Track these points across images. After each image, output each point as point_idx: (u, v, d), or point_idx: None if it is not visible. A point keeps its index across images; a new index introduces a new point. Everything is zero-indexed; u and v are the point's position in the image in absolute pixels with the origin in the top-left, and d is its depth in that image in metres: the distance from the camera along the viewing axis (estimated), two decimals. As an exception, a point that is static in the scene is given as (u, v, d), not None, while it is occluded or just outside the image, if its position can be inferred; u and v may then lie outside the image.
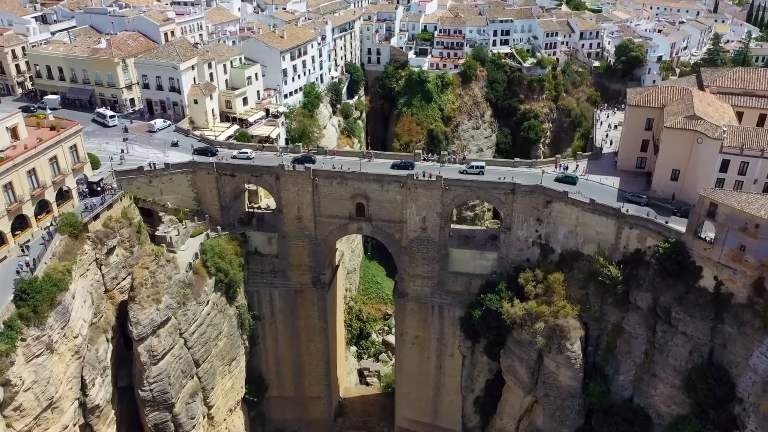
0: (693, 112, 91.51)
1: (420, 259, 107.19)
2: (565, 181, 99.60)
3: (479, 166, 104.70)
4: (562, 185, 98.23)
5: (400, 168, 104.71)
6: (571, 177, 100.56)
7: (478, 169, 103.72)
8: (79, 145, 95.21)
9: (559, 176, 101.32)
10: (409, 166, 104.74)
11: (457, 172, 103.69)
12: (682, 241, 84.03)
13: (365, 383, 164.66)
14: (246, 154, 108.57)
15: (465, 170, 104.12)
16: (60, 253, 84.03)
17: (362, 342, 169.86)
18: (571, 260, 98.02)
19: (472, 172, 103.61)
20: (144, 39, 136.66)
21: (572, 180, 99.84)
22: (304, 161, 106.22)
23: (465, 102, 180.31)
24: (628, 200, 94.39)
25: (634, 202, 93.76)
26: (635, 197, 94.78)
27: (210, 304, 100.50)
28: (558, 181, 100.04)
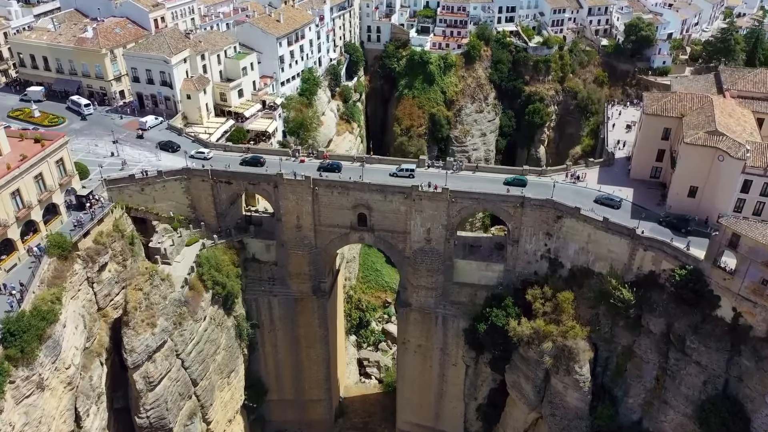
0: (714, 127, 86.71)
1: (424, 270, 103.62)
2: (607, 204, 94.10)
3: (409, 169, 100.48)
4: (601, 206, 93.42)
5: (401, 174, 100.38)
6: (615, 201, 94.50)
7: (408, 172, 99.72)
8: (66, 158, 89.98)
9: (601, 198, 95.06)
10: (409, 174, 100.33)
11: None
12: (699, 269, 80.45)
13: (365, 373, 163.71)
14: (203, 154, 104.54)
15: (395, 173, 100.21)
16: (49, 278, 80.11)
17: (362, 331, 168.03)
18: (581, 277, 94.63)
19: (402, 174, 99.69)
20: (133, 26, 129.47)
21: (614, 204, 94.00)
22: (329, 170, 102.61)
23: (468, 84, 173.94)
24: (671, 225, 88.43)
25: (675, 228, 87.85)
26: (679, 221, 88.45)
27: (207, 320, 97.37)
28: (598, 202, 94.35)
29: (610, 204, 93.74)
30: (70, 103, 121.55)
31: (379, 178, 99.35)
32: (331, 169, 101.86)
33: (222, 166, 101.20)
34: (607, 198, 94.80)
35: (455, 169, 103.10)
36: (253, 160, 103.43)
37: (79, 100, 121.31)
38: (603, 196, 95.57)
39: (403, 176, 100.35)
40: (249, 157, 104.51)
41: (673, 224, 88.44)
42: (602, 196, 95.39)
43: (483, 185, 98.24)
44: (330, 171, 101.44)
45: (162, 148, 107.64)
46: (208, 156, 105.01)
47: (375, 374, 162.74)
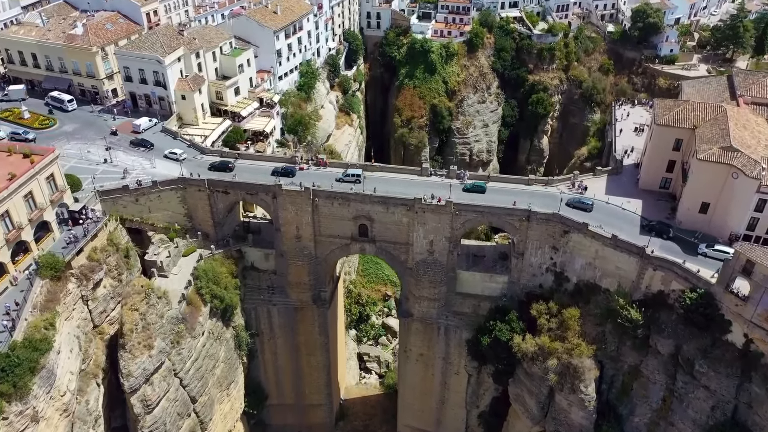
0: (729, 143, 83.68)
1: (426, 281, 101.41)
2: (579, 207, 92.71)
3: (355, 174, 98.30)
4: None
5: (346, 180, 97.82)
6: (587, 204, 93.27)
7: (354, 177, 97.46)
8: (57, 173, 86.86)
9: (573, 201, 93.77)
10: (355, 179, 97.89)
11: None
12: (711, 293, 78.30)
13: (365, 368, 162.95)
14: (176, 155, 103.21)
15: (341, 178, 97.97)
16: (41, 303, 77.92)
17: (362, 326, 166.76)
18: (588, 292, 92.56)
19: (348, 180, 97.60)
20: (125, 21, 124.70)
21: (586, 207, 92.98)
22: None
23: (471, 73, 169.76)
24: (653, 230, 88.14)
25: (658, 233, 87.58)
26: (661, 227, 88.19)
27: (205, 335, 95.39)
28: (570, 206, 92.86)
29: (582, 207, 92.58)
30: (50, 100, 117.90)
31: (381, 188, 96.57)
32: (285, 173, 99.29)
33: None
34: (578, 201, 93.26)
35: (459, 179, 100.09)
36: (221, 165, 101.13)
37: (61, 96, 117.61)
38: (575, 199, 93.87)
39: (349, 182, 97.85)
40: (218, 162, 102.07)
41: (656, 230, 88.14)
42: (574, 200, 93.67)
43: (488, 197, 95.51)
44: (285, 176, 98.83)
45: (134, 145, 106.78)
46: (180, 157, 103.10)
47: (375, 369, 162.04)
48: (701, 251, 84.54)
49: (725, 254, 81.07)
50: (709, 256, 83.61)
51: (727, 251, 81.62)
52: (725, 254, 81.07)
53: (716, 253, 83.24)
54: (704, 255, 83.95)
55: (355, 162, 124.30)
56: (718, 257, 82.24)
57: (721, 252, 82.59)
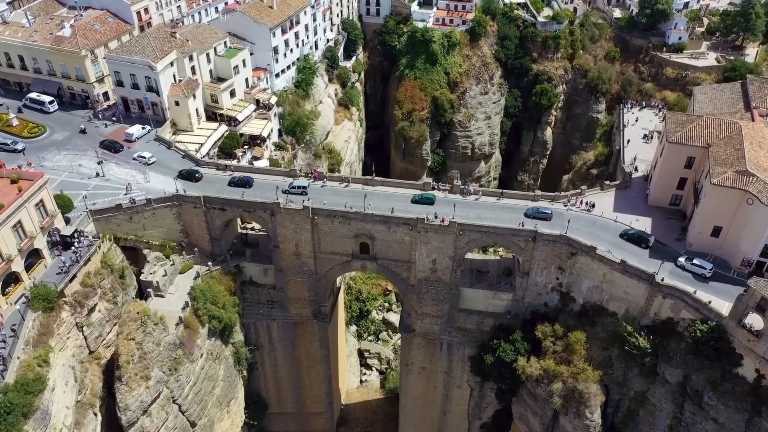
0: (744, 166, 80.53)
1: (429, 299, 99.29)
2: (540, 218, 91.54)
3: (301, 186, 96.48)
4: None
5: (293, 192, 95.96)
6: (547, 213, 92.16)
7: (300, 189, 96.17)
8: (47, 198, 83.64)
9: (532, 212, 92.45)
10: (301, 191, 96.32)
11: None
12: (722, 326, 76.23)
13: (365, 364, 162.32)
14: (145, 159, 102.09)
15: (287, 189, 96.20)
16: (34, 338, 75.83)
17: (362, 322, 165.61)
18: (594, 314, 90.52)
19: (294, 192, 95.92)
20: (114, 20, 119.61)
21: (546, 216, 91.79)
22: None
23: (473, 64, 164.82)
24: (632, 240, 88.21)
25: (636, 243, 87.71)
26: (640, 237, 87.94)
27: (204, 357, 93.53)
28: (529, 216, 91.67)
29: (543, 217, 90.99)
30: (28, 101, 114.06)
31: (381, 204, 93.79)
32: (242, 183, 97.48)
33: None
34: (537, 211, 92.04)
35: (464, 193, 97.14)
36: (242, 181, 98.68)
37: (41, 97, 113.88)
38: (533, 209, 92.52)
39: (295, 194, 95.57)
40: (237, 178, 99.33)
41: (634, 239, 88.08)
42: (532, 210, 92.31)
43: (494, 214, 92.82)
44: (241, 186, 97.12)
45: (104, 148, 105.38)
46: (149, 161, 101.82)
47: (376, 365, 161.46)
48: (680, 263, 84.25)
49: (702, 269, 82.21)
50: (686, 269, 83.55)
51: (705, 266, 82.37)
52: (702, 269, 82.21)
53: (694, 267, 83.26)
54: (682, 268, 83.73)
55: (355, 176, 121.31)
56: (695, 271, 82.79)
57: (699, 267, 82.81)
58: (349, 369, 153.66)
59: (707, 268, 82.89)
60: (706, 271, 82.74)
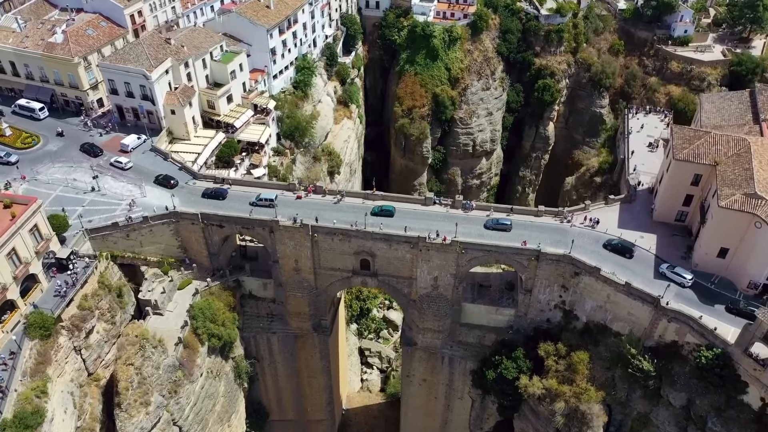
0: (753, 188, 78.85)
1: (430, 314, 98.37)
2: (499, 229, 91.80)
3: (268, 198, 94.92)
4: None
5: (260, 204, 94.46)
6: (506, 225, 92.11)
7: (267, 202, 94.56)
8: (41, 222, 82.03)
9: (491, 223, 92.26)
10: (269, 203, 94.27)
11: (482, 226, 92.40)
12: (728, 353, 75.38)
13: (366, 363, 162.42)
14: (122, 164, 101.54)
15: (254, 202, 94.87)
16: (32, 367, 75.07)
17: (362, 320, 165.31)
18: (597, 333, 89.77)
19: (261, 204, 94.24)
20: (107, 24, 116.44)
21: (506, 227, 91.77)
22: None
23: (474, 59, 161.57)
24: (615, 250, 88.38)
25: (619, 253, 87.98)
26: (623, 248, 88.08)
27: (204, 376, 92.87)
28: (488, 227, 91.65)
29: (502, 228, 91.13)
30: (17, 108, 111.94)
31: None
32: (216, 195, 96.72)
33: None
34: (497, 222, 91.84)
35: (465, 209, 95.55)
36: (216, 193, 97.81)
37: (30, 104, 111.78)
38: (493, 221, 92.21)
39: (262, 206, 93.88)
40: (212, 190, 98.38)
41: (617, 250, 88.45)
42: (492, 221, 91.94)
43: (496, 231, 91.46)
44: (215, 198, 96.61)
45: (83, 151, 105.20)
46: (126, 166, 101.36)
47: (377, 364, 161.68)
48: (662, 270, 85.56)
49: (683, 278, 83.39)
50: (667, 277, 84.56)
51: (684, 275, 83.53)
52: (683, 278, 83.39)
53: (674, 276, 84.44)
54: (663, 275, 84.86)
55: (354, 191, 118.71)
56: (676, 280, 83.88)
57: (680, 276, 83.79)
58: (350, 368, 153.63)
59: (687, 277, 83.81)
60: (686, 280, 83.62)
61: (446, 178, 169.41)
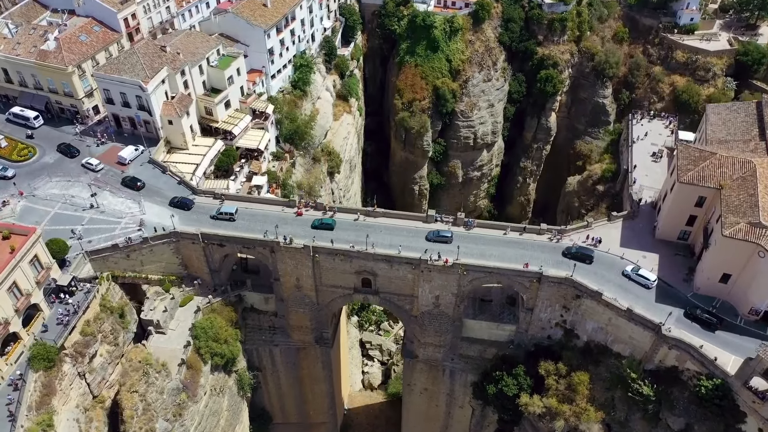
0: (758, 217, 78.20)
1: (432, 331, 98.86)
2: (440, 240, 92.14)
3: (228, 212, 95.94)
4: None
5: (220, 218, 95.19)
6: (447, 236, 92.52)
7: (228, 216, 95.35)
8: (41, 252, 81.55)
9: (432, 235, 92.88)
10: (229, 217, 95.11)
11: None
12: (728, 384, 75.98)
13: (367, 355, 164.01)
14: (92, 166, 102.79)
15: (215, 215, 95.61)
16: (37, 401, 75.83)
17: (363, 313, 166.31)
18: (598, 353, 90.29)
19: (222, 218, 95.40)
20: (100, 29, 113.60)
21: (446, 239, 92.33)
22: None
23: (476, 49, 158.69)
24: (575, 258, 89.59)
25: (580, 260, 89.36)
26: (583, 255, 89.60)
27: (207, 394, 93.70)
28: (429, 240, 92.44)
29: (443, 241, 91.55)
30: (11, 116, 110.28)
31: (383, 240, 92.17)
32: (181, 205, 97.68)
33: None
34: (439, 235, 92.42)
35: (467, 226, 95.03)
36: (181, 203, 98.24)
37: (24, 112, 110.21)
38: (434, 233, 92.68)
39: (223, 219, 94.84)
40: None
41: (578, 257, 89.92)
42: (433, 233, 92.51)
43: (498, 250, 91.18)
44: (180, 207, 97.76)
45: (60, 152, 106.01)
46: (96, 168, 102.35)
47: (378, 357, 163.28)
48: (625, 273, 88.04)
49: (647, 280, 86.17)
50: (632, 279, 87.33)
51: (648, 277, 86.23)
52: (647, 280, 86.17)
53: (639, 278, 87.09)
54: (628, 277, 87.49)
55: (355, 207, 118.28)
56: (640, 282, 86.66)
57: (644, 278, 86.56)
58: (351, 361, 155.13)
59: (651, 279, 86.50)
60: (650, 282, 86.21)
61: (447, 171, 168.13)
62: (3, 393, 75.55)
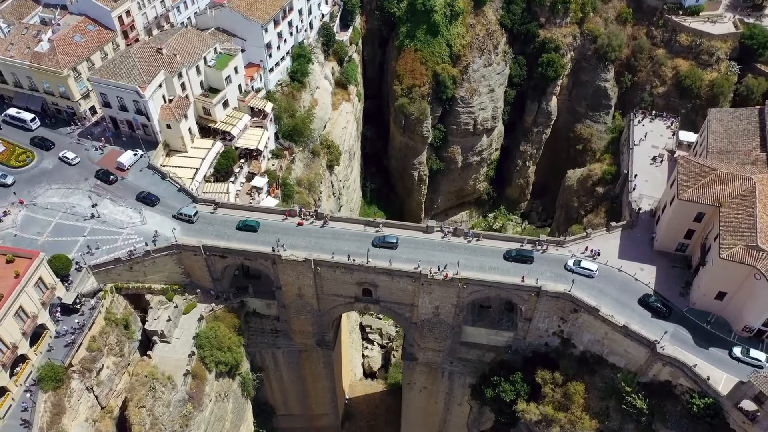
0: (755, 240, 78.86)
1: (432, 337, 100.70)
2: (386, 246, 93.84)
3: (187, 214, 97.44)
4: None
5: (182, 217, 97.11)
6: (393, 243, 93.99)
7: (187, 217, 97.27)
8: (45, 274, 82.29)
9: (377, 241, 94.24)
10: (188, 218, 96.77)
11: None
12: (719, 403, 78.15)
13: (367, 339, 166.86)
14: (69, 160, 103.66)
15: (176, 214, 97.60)
16: (48, 421, 77.84)
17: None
18: (594, 363, 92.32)
19: (182, 218, 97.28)
20: (95, 28, 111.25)
21: (392, 245, 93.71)
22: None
23: (477, 33, 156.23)
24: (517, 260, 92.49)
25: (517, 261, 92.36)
26: (524, 257, 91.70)
27: (213, 401, 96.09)
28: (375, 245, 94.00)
29: (389, 246, 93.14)
30: (7, 118, 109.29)
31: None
32: (148, 201, 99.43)
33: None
34: (383, 240, 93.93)
35: (467, 236, 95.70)
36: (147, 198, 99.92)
37: (21, 114, 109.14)
38: (378, 239, 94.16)
39: (183, 220, 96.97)
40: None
41: (518, 259, 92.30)
42: (379, 239, 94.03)
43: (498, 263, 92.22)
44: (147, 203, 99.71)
45: (35, 145, 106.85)
46: (73, 162, 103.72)
47: (377, 340, 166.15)
48: (568, 267, 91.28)
49: (589, 270, 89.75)
50: (576, 272, 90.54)
51: (590, 268, 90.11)
52: (589, 270, 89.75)
53: (582, 270, 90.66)
54: (571, 271, 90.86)
55: (355, 217, 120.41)
56: (583, 273, 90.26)
57: (586, 269, 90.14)
58: (351, 345, 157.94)
59: (593, 269, 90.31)
60: (592, 272, 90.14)
61: (446, 156, 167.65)
62: (15, 414, 77.61)
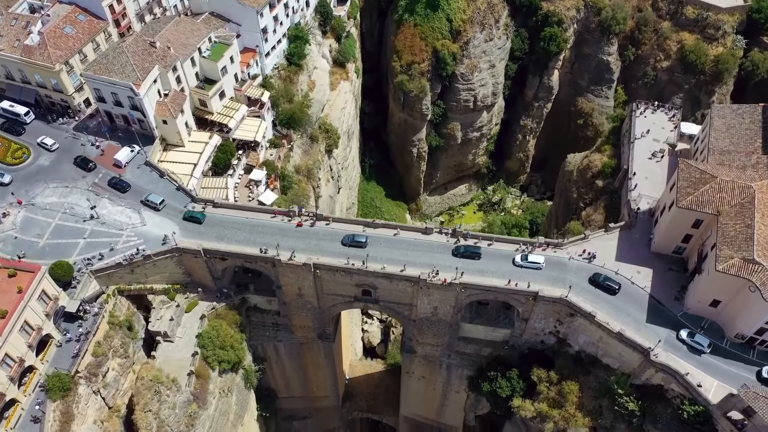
0: (752, 253, 79.44)
1: (430, 334, 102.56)
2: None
3: (155, 203, 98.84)
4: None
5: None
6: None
7: (155, 206, 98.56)
8: (48, 286, 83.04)
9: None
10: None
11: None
12: (709, 411, 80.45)
13: (367, 314, 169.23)
14: (47, 146, 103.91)
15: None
16: (57, 428, 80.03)
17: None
18: (589, 363, 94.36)
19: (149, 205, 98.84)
20: (85, 18, 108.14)
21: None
22: None
23: (478, 7, 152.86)
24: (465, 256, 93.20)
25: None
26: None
27: (217, 398, 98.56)
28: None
29: (358, 245, 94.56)
30: (0, 111, 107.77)
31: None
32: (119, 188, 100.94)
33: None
34: (353, 240, 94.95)
35: (465, 237, 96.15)
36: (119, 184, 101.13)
37: (14, 108, 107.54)
38: (348, 237, 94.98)
39: (149, 207, 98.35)
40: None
41: (466, 255, 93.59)
42: (348, 238, 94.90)
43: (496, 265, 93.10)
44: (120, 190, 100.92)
45: (6, 130, 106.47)
46: (52, 148, 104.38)
47: (377, 315, 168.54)
48: (516, 263, 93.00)
49: (536, 264, 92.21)
50: (524, 267, 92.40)
51: (538, 261, 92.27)
52: (536, 264, 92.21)
53: (530, 265, 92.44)
54: (520, 266, 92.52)
55: (354, 218, 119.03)
56: (530, 267, 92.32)
57: (534, 263, 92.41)
58: (351, 320, 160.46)
59: (540, 261, 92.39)
60: (540, 264, 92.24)
61: (445, 133, 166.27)
62: (25, 424, 79.92)
